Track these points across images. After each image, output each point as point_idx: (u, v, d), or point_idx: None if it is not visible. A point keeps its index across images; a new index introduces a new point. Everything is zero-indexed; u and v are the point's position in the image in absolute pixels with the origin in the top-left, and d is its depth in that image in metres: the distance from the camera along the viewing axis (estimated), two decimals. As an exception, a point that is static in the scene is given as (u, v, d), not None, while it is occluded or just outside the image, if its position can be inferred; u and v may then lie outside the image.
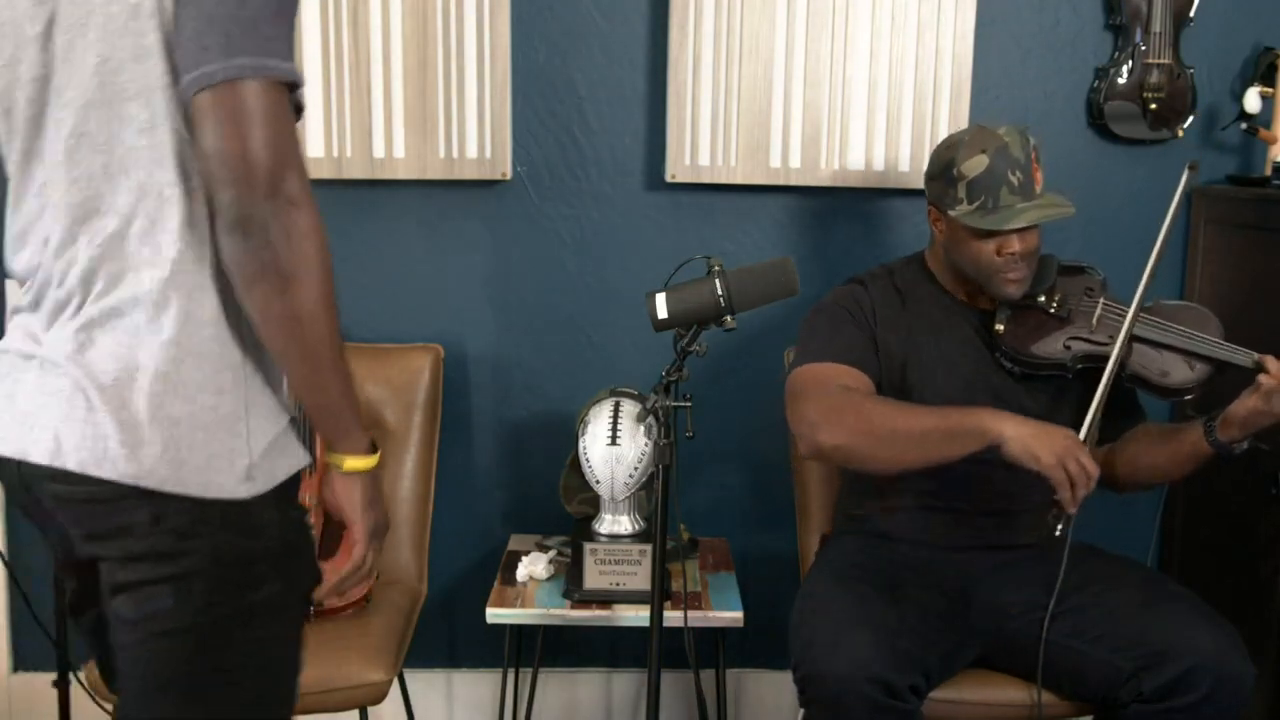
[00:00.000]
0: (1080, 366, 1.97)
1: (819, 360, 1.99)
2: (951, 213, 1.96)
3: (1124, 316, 1.90)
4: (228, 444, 1.19)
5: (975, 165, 1.92)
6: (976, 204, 1.93)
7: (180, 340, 1.17)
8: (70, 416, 1.16)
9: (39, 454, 1.18)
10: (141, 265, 1.17)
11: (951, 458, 1.81)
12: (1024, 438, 1.75)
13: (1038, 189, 1.94)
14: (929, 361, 2.03)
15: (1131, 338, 1.92)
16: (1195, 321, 1.96)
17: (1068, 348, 1.96)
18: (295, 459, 1.27)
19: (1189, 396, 1.95)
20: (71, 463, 1.16)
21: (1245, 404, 1.83)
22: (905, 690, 1.73)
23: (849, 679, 1.71)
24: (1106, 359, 1.89)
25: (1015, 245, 1.93)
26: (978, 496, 2.00)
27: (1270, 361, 1.83)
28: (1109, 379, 1.86)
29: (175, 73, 1.14)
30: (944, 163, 1.98)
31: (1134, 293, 1.89)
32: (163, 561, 1.18)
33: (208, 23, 1.11)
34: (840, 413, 1.88)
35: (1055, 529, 1.79)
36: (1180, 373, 1.93)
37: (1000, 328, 2.00)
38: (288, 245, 1.14)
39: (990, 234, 1.93)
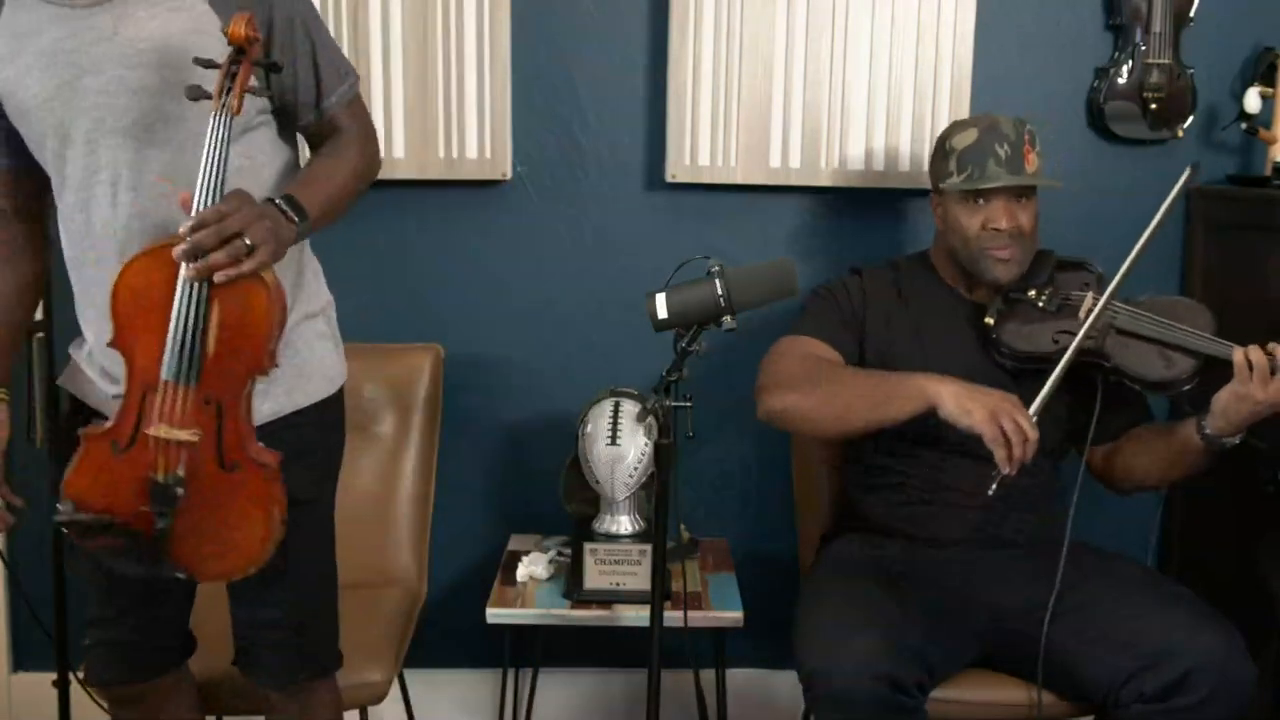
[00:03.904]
0: None
1: (797, 334, 2.08)
2: (943, 185, 2.03)
3: (1114, 311, 1.89)
4: None
5: (965, 139, 2.01)
6: (964, 175, 2.00)
7: None
8: None
9: None
10: None
11: (893, 419, 1.86)
12: (958, 395, 1.79)
13: (1029, 169, 1.98)
14: (921, 355, 2.03)
15: (1117, 331, 1.92)
16: (1185, 315, 1.94)
17: (1056, 342, 1.96)
18: None
19: (1178, 391, 1.92)
20: None
21: (1225, 391, 1.83)
22: (911, 686, 1.74)
23: (855, 676, 1.71)
24: (1093, 353, 1.89)
25: (1002, 221, 1.97)
26: (976, 492, 2.00)
27: (1251, 350, 1.81)
28: (1068, 359, 1.85)
29: None
30: (940, 141, 2.07)
31: (1128, 289, 1.89)
32: None
33: None
34: (792, 376, 1.97)
35: (989, 489, 1.79)
36: (1163, 366, 1.91)
37: (990, 320, 2.00)
38: None
39: (974, 200, 1.98)
